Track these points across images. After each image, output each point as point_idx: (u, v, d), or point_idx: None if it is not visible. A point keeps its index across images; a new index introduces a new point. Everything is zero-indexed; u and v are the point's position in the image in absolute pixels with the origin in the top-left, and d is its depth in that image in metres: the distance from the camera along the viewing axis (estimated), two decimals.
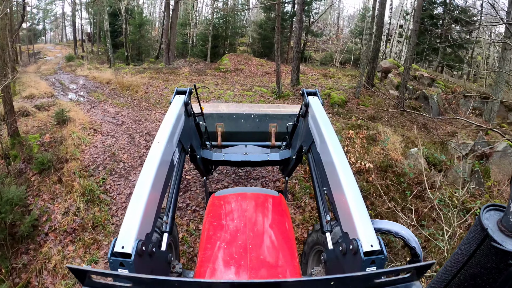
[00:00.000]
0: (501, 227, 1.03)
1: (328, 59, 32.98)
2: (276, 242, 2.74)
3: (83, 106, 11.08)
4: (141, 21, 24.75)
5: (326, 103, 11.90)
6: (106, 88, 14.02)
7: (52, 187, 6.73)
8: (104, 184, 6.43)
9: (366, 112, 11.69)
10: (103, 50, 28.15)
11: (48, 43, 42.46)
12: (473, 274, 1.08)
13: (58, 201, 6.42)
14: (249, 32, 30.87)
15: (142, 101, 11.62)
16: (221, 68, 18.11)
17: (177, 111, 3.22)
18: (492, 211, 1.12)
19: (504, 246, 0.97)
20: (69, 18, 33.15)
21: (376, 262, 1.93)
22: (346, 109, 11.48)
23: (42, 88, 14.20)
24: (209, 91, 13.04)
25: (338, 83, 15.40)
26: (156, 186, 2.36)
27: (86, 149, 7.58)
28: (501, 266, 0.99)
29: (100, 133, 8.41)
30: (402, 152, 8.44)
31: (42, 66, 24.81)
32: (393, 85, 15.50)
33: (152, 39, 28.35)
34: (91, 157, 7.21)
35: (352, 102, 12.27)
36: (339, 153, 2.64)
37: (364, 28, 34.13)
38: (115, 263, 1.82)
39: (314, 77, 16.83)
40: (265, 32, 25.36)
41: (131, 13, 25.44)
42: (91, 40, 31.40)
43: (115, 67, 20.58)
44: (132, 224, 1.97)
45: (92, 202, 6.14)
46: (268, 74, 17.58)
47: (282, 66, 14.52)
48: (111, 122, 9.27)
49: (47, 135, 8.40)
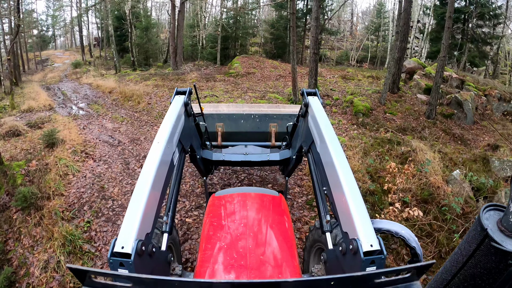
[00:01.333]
0: (501, 227, 1.06)
1: (343, 57, 31.46)
2: (276, 242, 2.71)
3: (80, 121, 10.08)
4: (148, 24, 23.75)
5: (349, 111, 10.57)
6: (108, 98, 13.03)
7: (32, 230, 5.69)
8: (89, 229, 5.33)
9: (394, 121, 10.30)
10: (111, 55, 27.38)
11: (58, 48, 42.30)
12: (473, 274, 1.09)
13: (37, 250, 5.36)
14: (260, 32, 29.58)
15: (143, 114, 10.54)
16: (231, 72, 16.90)
17: (177, 111, 3.19)
18: (492, 211, 1.14)
19: (504, 246, 0.99)
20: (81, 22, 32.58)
21: (376, 262, 1.90)
22: (372, 119, 10.13)
23: (41, 100, 13.38)
24: (218, 100, 11.89)
25: (359, 86, 13.99)
26: (156, 186, 2.35)
27: (74, 180, 6.51)
28: (501, 266, 1.01)
29: (92, 157, 7.34)
30: (442, 175, 7.08)
31: (49, 74, 24.20)
32: (420, 88, 13.98)
33: (160, 43, 27.34)
34: (77, 192, 6.13)
35: (378, 109, 10.89)
36: (339, 153, 2.63)
37: (380, 24, 32.52)
38: (115, 263, 1.79)
39: (332, 80, 15.44)
40: (278, 32, 24.03)
41: (138, 16, 24.51)
42: (100, 45, 30.73)
43: (120, 74, 19.68)
44: (132, 224, 1.96)
45: (74, 254, 5.04)
46: (283, 78, 16.29)
47: (297, 68, 13.24)
48: (107, 142, 8.21)
49: (33, 162, 7.39)
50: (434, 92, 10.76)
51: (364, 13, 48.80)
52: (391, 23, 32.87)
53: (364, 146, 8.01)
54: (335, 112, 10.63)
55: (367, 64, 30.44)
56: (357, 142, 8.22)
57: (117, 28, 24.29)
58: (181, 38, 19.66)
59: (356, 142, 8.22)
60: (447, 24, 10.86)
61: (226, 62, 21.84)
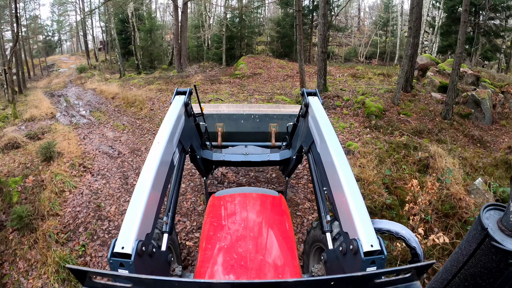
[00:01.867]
0: (501, 227, 1.05)
1: (352, 54, 30.73)
2: (276, 242, 2.69)
3: (81, 130, 9.76)
4: (152, 26, 23.39)
5: (361, 113, 10.02)
6: (111, 104, 12.72)
7: (27, 253, 5.36)
8: (84, 254, 4.96)
9: (409, 123, 9.71)
10: (116, 59, 27.20)
11: (65, 53, 42.43)
12: (473, 274, 1.09)
13: (32, 275, 5.03)
14: (266, 31, 29.02)
15: (145, 121, 10.16)
16: (237, 74, 16.43)
17: (177, 112, 3.17)
18: (492, 210, 1.13)
19: (504, 245, 0.99)
20: (85, 27, 32.49)
21: (376, 262, 1.88)
22: (386, 121, 9.56)
23: (44, 108, 13.15)
24: (223, 103, 11.45)
25: (370, 85, 13.38)
26: (156, 187, 2.31)
27: (70, 198, 6.15)
28: (501, 265, 1.00)
29: (90, 171, 6.98)
30: (463, 184, 6.52)
31: (54, 79, 24.12)
32: (434, 86, 13.29)
33: (164, 45, 26.98)
34: (73, 212, 5.77)
35: (391, 110, 10.30)
36: (339, 153, 2.60)
37: (389, 19, 31.64)
38: (115, 263, 1.77)
39: (342, 79, 14.85)
40: (284, 30, 23.42)
41: (141, 18, 24.21)
42: (105, 48, 30.57)
43: (125, 78, 19.41)
44: (132, 225, 1.93)
45: (69, 281, 4.68)
46: (290, 78, 15.76)
47: (305, 67, 12.70)
48: (106, 154, 7.85)
49: (30, 177, 7.06)
50: (451, 91, 10.11)
51: (371, 7, 47.86)
52: (400, 17, 32.03)
53: (378, 152, 7.48)
54: (346, 114, 10.09)
55: (376, 60, 29.67)
56: (371, 148, 7.70)
57: (122, 31, 24.01)
58: (185, 40, 19.25)
59: (370, 148, 7.69)
60: (463, 18, 10.20)
61: (232, 62, 21.38)
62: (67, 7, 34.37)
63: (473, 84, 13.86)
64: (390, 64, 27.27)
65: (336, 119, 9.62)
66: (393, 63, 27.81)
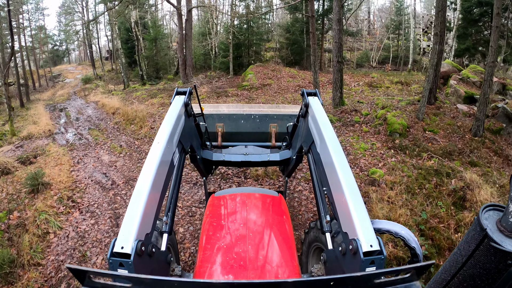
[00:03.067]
0: (500, 227, 1.03)
1: (364, 59, 29.67)
2: (276, 242, 2.67)
3: (76, 152, 9.01)
4: (157, 35, 22.73)
5: (382, 131, 9.04)
6: (110, 121, 11.99)
7: None
8: None
9: (437, 141, 8.68)
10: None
11: (73, 62, 42.35)
12: (472, 275, 1.07)
13: None
14: (275, 37, 28.15)
15: (144, 142, 9.36)
16: (244, 85, 15.57)
17: (177, 112, 3.10)
18: (491, 211, 1.11)
19: (503, 246, 0.97)
20: (92, 36, 32.16)
21: (376, 262, 1.85)
22: (411, 140, 8.57)
23: (42, 125, 12.56)
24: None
25: (389, 96, 12.37)
26: (155, 187, 2.28)
27: (54, 242, 5.34)
28: (500, 266, 0.99)
29: (78, 207, 6.17)
30: None
31: (59, 91, 23.68)
32: (459, 96, 12.21)
33: (170, 54, 26.29)
34: (56, 261, 4.96)
35: (416, 127, 9.29)
36: (339, 154, 2.57)
37: (401, 22, 30.49)
38: (115, 263, 1.74)
39: (357, 89, 13.86)
40: (293, 36, 22.48)
41: (146, 27, 23.61)
42: (112, 57, 30.13)
43: (128, 89, 18.76)
44: (132, 225, 1.89)
45: None
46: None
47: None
48: (99, 184, 7.05)
49: (15, 213, 6.28)
50: (482, 105, 9.04)
51: (380, 10, 46.73)
52: (412, 19, 30.82)
53: (407, 182, 6.50)
54: (366, 132, 9.11)
55: (389, 65, 28.56)
56: (398, 175, 6.72)
57: (127, 40, 23.44)
58: (190, 49, 18.49)
59: (397, 175, 6.72)
60: (495, 23, 9.16)
61: (239, 71, 20.56)
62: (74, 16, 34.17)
63: (500, 93, 12.72)
64: (404, 69, 26.15)
65: (356, 138, 8.66)
66: (406, 67, 26.68)
